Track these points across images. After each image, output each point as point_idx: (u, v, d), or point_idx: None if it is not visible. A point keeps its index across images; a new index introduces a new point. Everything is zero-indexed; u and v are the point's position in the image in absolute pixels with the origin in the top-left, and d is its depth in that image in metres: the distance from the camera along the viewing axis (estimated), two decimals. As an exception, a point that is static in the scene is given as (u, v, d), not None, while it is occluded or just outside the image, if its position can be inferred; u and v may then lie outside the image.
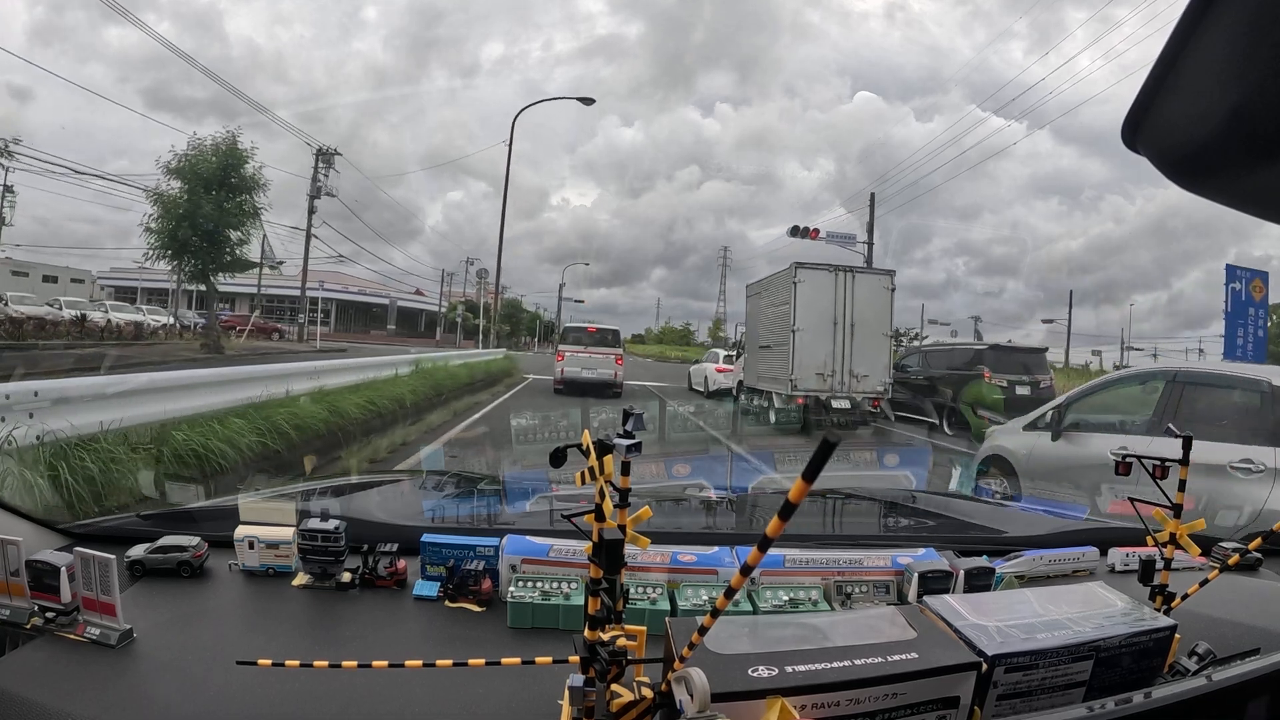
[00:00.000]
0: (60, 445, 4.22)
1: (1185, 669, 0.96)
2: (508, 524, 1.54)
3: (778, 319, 12.70)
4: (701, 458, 3.15)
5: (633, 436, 0.84)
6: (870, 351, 12.21)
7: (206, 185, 18.73)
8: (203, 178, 18.72)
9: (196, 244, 18.97)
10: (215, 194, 18.86)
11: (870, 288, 12.40)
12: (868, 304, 12.25)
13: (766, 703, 0.71)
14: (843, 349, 12.09)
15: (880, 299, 12.43)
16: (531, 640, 1.10)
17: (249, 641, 1.08)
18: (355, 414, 8.68)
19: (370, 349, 23.38)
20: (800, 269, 12.23)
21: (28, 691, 0.88)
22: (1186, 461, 1.10)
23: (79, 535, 1.40)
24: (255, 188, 20.11)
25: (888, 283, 12.67)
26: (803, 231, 25.54)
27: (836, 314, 12.13)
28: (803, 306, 12.04)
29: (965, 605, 0.94)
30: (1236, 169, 0.48)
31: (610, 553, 0.76)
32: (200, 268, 19.71)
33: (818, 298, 12.10)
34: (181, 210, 18.51)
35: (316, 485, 2.11)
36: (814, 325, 12.03)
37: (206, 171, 18.80)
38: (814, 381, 11.97)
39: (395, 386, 11.09)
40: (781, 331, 12.42)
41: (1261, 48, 0.41)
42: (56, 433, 4.28)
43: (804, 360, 11.95)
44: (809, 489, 0.54)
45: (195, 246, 19.01)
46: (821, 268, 12.38)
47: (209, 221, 18.60)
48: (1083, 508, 2.03)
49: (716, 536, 1.55)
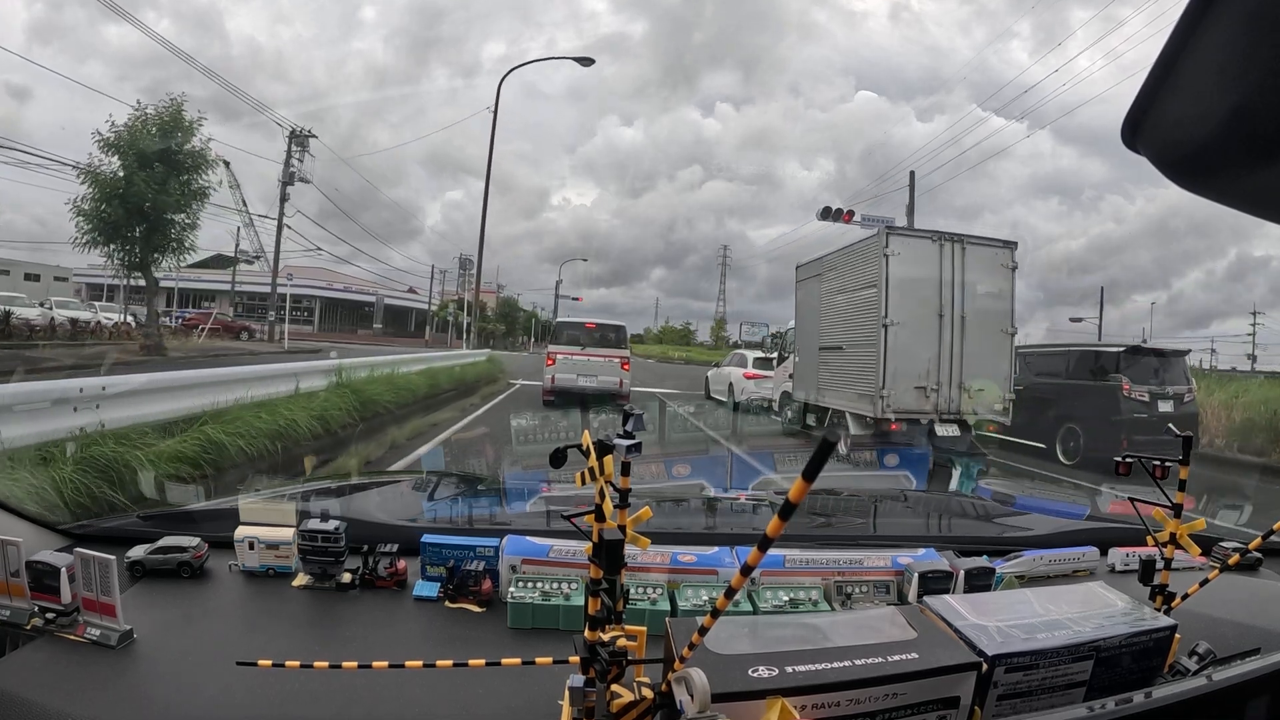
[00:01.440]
0: None
1: (1185, 669, 0.96)
2: (508, 524, 1.54)
3: (856, 308, 9.03)
4: (701, 458, 3.15)
5: (633, 437, 0.84)
6: (987, 355, 8.54)
7: (144, 161, 15.98)
8: (142, 152, 16.01)
9: (130, 228, 16.29)
10: (153, 170, 16.02)
11: (985, 265, 8.64)
12: (982, 288, 8.63)
13: (767, 703, 0.71)
14: (951, 352, 8.43)
15: (998, 282, 8.72)
16: (532, 641, 1.10)
17: (249, 642, 1.08)
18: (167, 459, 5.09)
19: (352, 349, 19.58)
20: (893, 235, 8.56)
21: (28, 692, 0.88)
22: (1187, 461, 1.10)
23: (79, 536, 1.40)
24: (203, 164, 17.20)
25: (1007, 258, 8.73)
26: (834, 214, 21.60)
27: (942, 302, 8.42)
28: (898, 290, 8.37)
29: (965, 605, 0.94)
30: (1236, 169, 0.48)
31: (610, 553, 0.76)
32: (136, 256, 16.84)
33: (917, 279, 8.43)
34: (114, 189, 15.84)
35: (316, 486, 2.11)
36: (913, 317, 8.37)
37: (146, 145, 16.06)
38: (912, 398, 8.32)
39: (304, 406, 7.75)
40: (863, 326, 8.80)
41: (1261, 48, 0.41)
42: None
43: (900, 367, 8.28)
44: (809, 489, 0.54)
45: (129, 231, 16.34)
46: (922, 235, 8.75)
47: (143, 200, 15.79)
48: (1083, 508, 2.03)
49: (716, 537, 1.55)
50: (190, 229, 17.60)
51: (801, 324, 11.32)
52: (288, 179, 28.58)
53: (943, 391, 8.40)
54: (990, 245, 8.79)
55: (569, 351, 13.94)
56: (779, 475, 2.63)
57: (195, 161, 17.11)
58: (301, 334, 40.00)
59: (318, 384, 9.21)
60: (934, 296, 8.43)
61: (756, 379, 14.86)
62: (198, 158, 17.15)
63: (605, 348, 14.11)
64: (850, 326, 9.20)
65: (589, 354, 13.90)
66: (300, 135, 28.83)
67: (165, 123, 16.53)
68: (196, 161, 17.13)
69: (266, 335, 30.40)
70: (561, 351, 14.00)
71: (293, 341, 29.29)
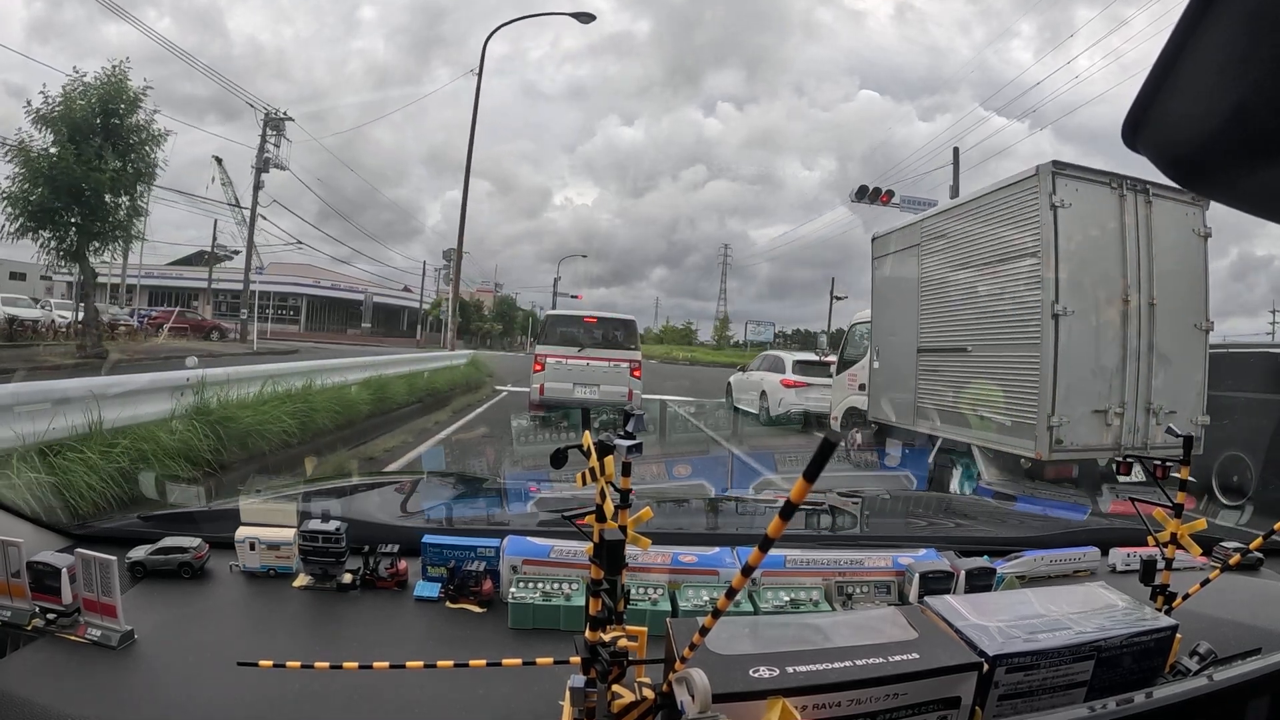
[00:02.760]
0: None
1: (1186, 669, 0.96)
2: (509, 525, 1.54)
3: (996, 290, 5.96)
4: (702, 458, 3.15)
5: (633, 437, 0.84)
6: (1178, 362, 5.70)
7: (78, 134, 13.70)
8: (78, 125, 13.72)
9: (62, 213, 13.89)
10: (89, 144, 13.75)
11: (1174, 230, 5.68)
12: (1171, 263, 5.67)
13: (768, 703, 0.71)
14: (1139, 358, 5.54)
15: (1189, 255, 5.80)
16: (532, 641, 1.10)
17: (250, 642, 1.08)
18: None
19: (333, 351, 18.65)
20: (1062, 176, 5.36)
21: (29, 693, 0.88)
22: (1188, 461, 1.10)
23: (80, 537, 1.40)
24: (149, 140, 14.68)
25: (1199, 221, 5.77)
26: (871, 194, 19.09)
27: (1128, 283, 5.50)
28: (1072, 263, 5.35)
29: (966, 605, 0.94)
30: (1237, 168, 0.48)
31: (611, 554, 0.76)
32: (70, 243, 14.35)
33: (1095, 245, 5.50)
34: (44, 167, 13.49)
35: (317, 486, 2.12)
36: (1089, 305, 5.43)
37: (82, 117, 13.76)
38: (1089, 428, 5.42)
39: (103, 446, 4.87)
40: (1009, 317, 5.77)
41: (1261, 47, 0.41)
42: None
43: (1075, 381, 5.35)
44: (810, 489, 0.54)
45: (60, 216, 13.93)
46: (1098, 178, 5.52)
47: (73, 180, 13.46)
48: (1084, 507, 2.03)
49: (717, 537, 1.55)
50: (136, 214, 15.11)
51: (884, 315, 7.91)
52: (262, 165, 26.25)
53: (1127, 417, 5.45)
54: (1179, 201, 5.64)
55: (563, 354, 10.50)
56: (779, 476, 2.63)
57: (140, 137, 14.53)
58: (286, 334, 38.92)
59: (153, 410, 5.92)
60: (1117, 273, 5.47)
61: (798, 387, 12.15)
62: (141, 132, 14.55)
63: (610, 349, 10.73)
64: (983, 318, 6.09)
65: (589, 357, 10.52)
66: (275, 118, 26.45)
67: (105, 92, 14.11)
68: (141, 137, 14.55)
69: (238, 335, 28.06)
70: (553, 354, 10.49)
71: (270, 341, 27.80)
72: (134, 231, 15.44)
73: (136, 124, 14.53)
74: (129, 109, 14.41)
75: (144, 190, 15.09)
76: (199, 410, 6.33)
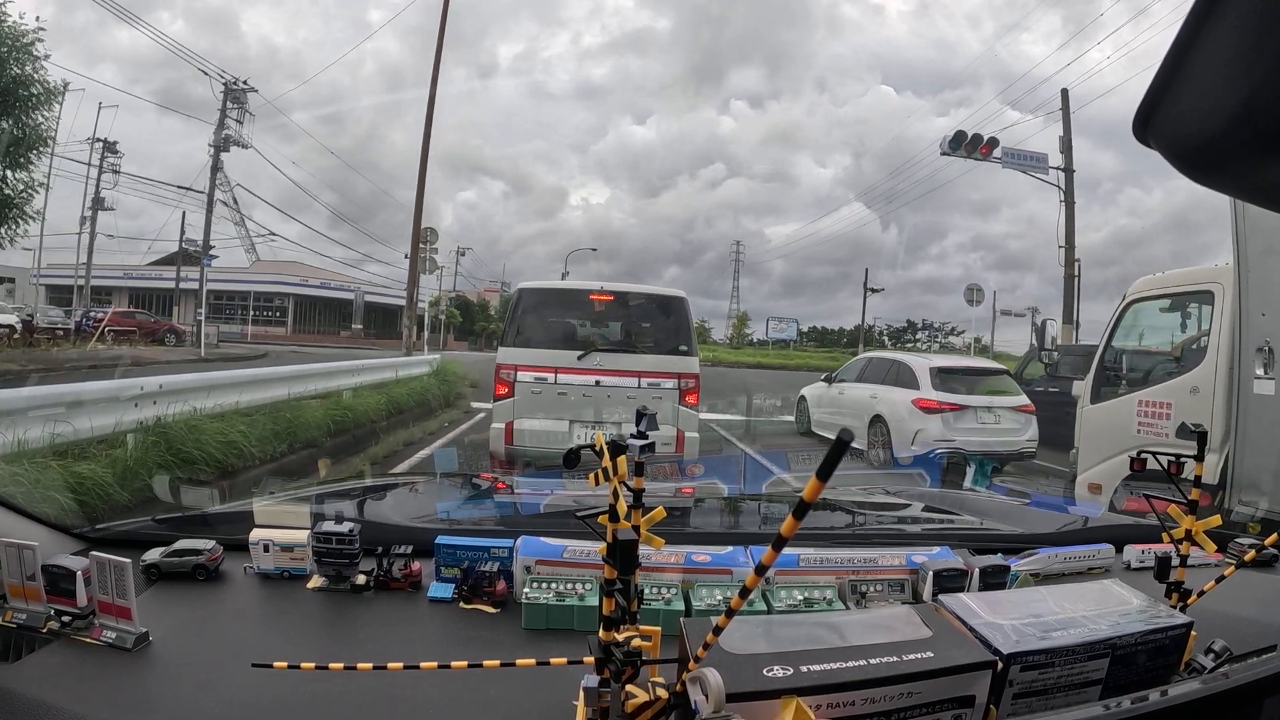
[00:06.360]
0: None
1: (1202, 666, 0.95)
2: (521, 525, 1.54)
3: None
4: (715, 458, 3.14)
5: (646, 437, 0.84)
6: None
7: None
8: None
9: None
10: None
11: None
12: None
13: (781, 702, 0.71)
14: None
15: None
16: (546, 641, 1.11)
17: (264, 644, 1.09)
18: None
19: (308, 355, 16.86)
20: None
21: (44, 695, 0.89)
22: (1202, 457, 1.10)
23: (94, 539, 1.41)
24: (40, 98, 11.92)
25: None
26: (970, 143, 15.62)
27: None
28: None
29: (980, 604, 0.93)
30: (1248, 161, 0.48)
31: (624, 553, 0.76)
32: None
33: None
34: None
35: (331, 488, 2.13)
36: None
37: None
38: None
39: None
40: None
41: (1272, 40, 0.41)
42: None
43: None
44: (823, 488, 0.54)
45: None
46: None
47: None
48: (1098, 505, 2.02)
49: (730, 536, 1.55)
50: (30, 188, 12.32)
51: None
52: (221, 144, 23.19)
53: None
54: None
55: (551, 364, 5.73)
56: (792, 475, 2.62)
57: (27, 94, 11.69)
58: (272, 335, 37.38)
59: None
60: None
61: (945, 412, 7.86)
62: (28, 86, 11.70)
63: (642, 353, 5.92)
64: None
65: (601, 370, 5.69)
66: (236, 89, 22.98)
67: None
68: (28, 93, 11.71)
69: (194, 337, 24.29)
70: (532, 364, 5.75)
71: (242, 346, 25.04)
72: (30, 211, 12.74)
73: (25, 75, 11.67)
74: (17, 56, 11.50)
75: (35, 159, 12.25)
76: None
